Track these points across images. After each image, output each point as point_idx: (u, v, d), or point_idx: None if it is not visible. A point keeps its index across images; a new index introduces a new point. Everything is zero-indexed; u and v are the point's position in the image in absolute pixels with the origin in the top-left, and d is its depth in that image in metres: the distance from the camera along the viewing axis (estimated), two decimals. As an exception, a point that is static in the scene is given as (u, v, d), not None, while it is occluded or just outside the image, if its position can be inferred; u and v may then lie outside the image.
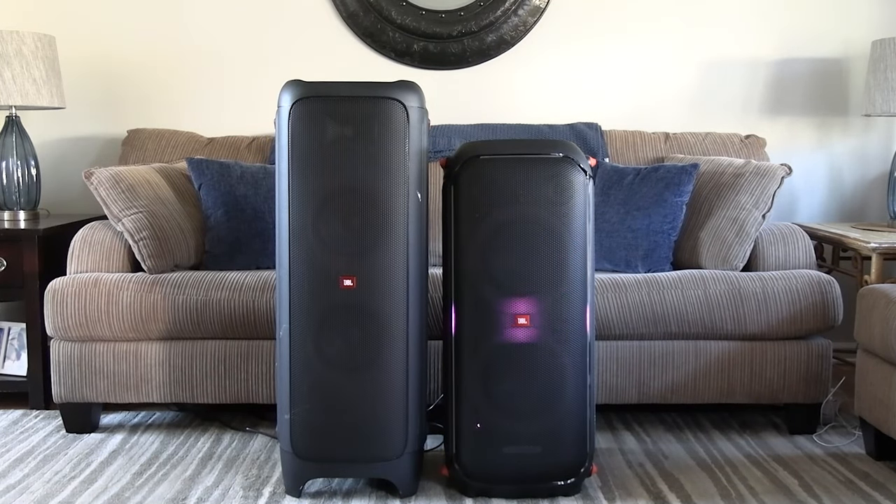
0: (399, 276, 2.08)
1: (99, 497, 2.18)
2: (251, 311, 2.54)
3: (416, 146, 2.09)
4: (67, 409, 2.63)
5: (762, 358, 2.57)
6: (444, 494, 2.19)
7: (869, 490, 2.23)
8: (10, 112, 3.13)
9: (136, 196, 2.68)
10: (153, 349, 2.57)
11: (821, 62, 3.41)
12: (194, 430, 2.67)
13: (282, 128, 2.07)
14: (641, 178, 2.87)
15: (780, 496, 2.19)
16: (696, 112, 3.43)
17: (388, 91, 2.06)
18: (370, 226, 2.06)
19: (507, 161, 2.11)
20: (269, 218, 2.83)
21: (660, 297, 2.54)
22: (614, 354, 2.57)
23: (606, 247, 2.82)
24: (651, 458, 2.45)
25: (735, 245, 2.69)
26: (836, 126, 3.44)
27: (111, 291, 2.55)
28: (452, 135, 3.14)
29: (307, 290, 2.07)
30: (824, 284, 2.57)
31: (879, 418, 2.33)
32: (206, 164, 2.88)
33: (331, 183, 2.05)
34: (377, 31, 3.36)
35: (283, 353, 2.10)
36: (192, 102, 3.41)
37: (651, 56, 3.41)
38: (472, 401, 2.13)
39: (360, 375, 2.09)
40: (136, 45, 3.39)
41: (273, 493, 2.20)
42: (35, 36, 3.03)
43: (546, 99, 3.42)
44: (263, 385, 2.58)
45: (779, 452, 2.50)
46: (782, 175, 2.76)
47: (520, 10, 3.35)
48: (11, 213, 3.10)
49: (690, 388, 2.58)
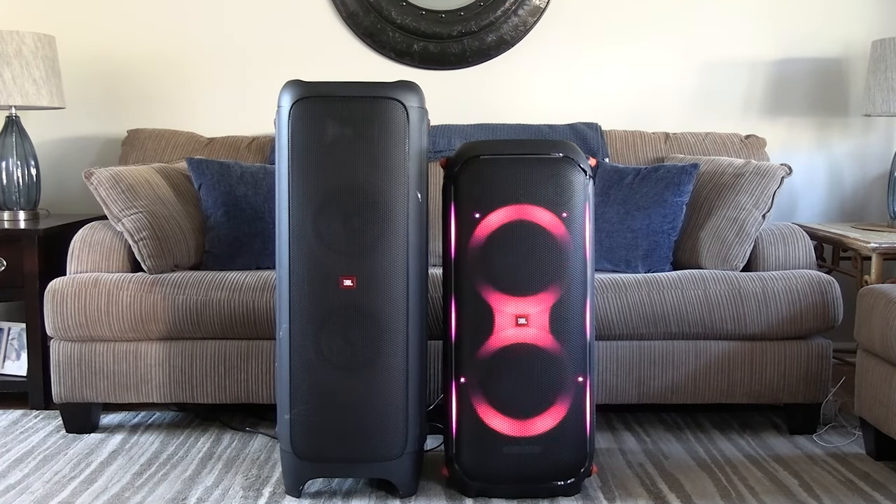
0: (399, 276, 2.08)
1: (99, 497, 2.18)
2: (251, 311, 2.54)
3: (416, 146, 2.09)
4: (67, 409, 2.63)
5: (762, 358, 2.57)
6: (444, 494, 2.19)
7: (869, 490, 2.23)
8: (10, 112, 3.13)
9: (136, 196, 2.68)
10: (153, 349, 2.57)
11: (821, 62, 3.41)
12: (194, 430, 2.67)
13: (282, 128, 2.07)
14: (641, 178, 2.87)
15: (780, 496, 2.19)
16: (696, 112, 3.43)
17: (388, 91, 2.06)
18: (370, 226, 2.06)
19: (507, 161, 2.11)
20: (269, 218, 2.83)
21: (660, 297, 2.54)
22: (614, 354, 2.57)
23: (606, 247, 2.82)
24: (651, 458, 2.45)
25: (735, 245, 2.69)
26: (836, 126, 3.44)
27: (111, 291, 2.55)
28: (452, 135, 3.14)
29: (307, 290, 2.07)
30: (824, 284, 2.57)
31: (879, 418, 2.33)
32: (206, 164, 2.88)
33: (331, 183, 2.05)
34: (377, 31, 3.36)
35: (283, 353, 2.10)
36: (192, 102, 3.41)
37: (651, 56, 3.41)
38: (472, 401, 2.13)
39: (360, 375, 2.09)
40: (136, 45, 3.39)
41: (273, 493, 2.20)
42: (35, 36, 3.03)
43: (546, 99, 3.42)
44: (263, 385, 2.58)
45: (779, 452, 2.50)
46: (782, 175, 2.76)
47: (520, 10, 3.35)
48: (11, 213, 3.10)
49: (690, 388, 2.58)
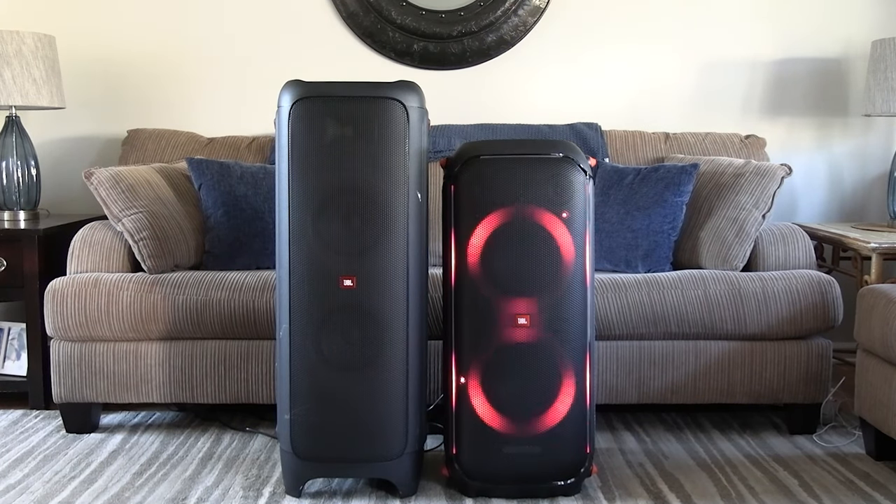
0: (399, 276, 2.08)
1: (99, 497, 2.18)
2: (251, 311, 2.54)
3: (416, 146, 2.09)
4: (67, 409, 2.63)
5: (762, 358, 2.57)
6: (444, 494, 2.19)
7: (869, 490, 2.23)
8: (10, 112, 3.13)
9: (136, 196, 2.68)
10: (153, 349, 2.57)
11: (821, 62, 3.41)
12: (194, 430, 2.67)
13: (282, 128, 2.07)
14: (641, 178, 2.87)
15: (780, 496, 2.19)
16: (696, 112, 3.43)
17: (388, 91, 2.06)
18: (370, 226, 2.06)
19: (507, 161, 2.11)
20: (269, 218, 2.83)
21: (660, 297, 2.54)
22: (614, 354, 2.57)
23: (606, 247, 2.82)
24: (651, 458, 2.45)
25: (735, 245, 2.69)
26: (836, 126, 3.44)
27: (111, 291, 2.55)
28: (452, 135, 3.14)
29: (307, 290, 2.07)
30: (824, 284, 2.57)
31: (879, 418, 2.33)
32: (206, 164, 2.88)
33: (331, 183, 2.05)
34: (377, 31, 3.36)
35: (283, 353, 2.10)
36: (192, 102, 3.41)
37: (651, 56, 3.41)
38: (472, 401, 2.13)
39: (360, 375, 2.09)
40: (136, 46, 3.39)
41: (273, 493, 2.20)
42: (35, 36, 3.03)
43: (546, 99, 3.42)
44: (263, 385, 2.58)
45: (779, 452, 2.50)
46: (782, 175, 2.76)
47: (520, 10, 3.35)
48: (11, 213, 3.10)
49: (690, 388, 2.58)
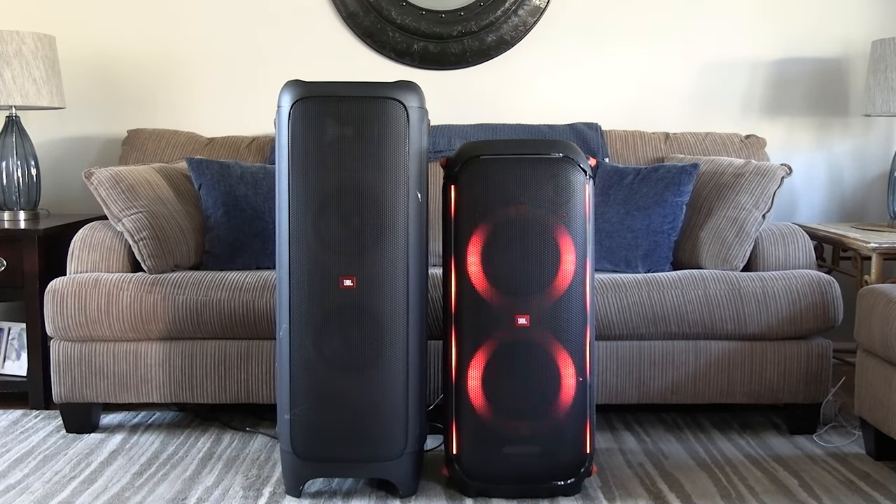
0: (399, 276, 2.08)
1: (99, 497, 2.18)
2: (251, 311, 2.54)
3: (416, 146, 2.09)
4: (67, 409, 2.63)
5: (762, 358, 2.57)
6: (444, 494, 2.19)
7: (869, 490, 2.23)
8: (10, 112, 3.13)
9: (136, 196, 2.68)
10: (153, 349, 2.57)
11: (821, 62, 3.41)
12: (194, 430, 2.67)
13: (282, 128, 2.07)
14: (641, 178, 2.87)
15: (780, 496, 2.19)
16: (696, 112, 3.43)
17: (388, 91, 2.06)
18: (370, 226, 2.06)
19: (507, 161, 2.11)
20: (269, 218, 2.83)
21: (660, 297, 2.54)
22: (614, 354, 2.57)
23: (606, 247, 2.82)
24: (651, 458, 2.45)
25: (735, 245, 2.69)
26: (835, 126, 3.44)
27: (111, 291, 2.55)
28: (452, 135, 3.14)
29: (307, 290, 2.07)
30: (824, 284, 2.57)
31: (879, 418, 2.33)
32: (206, 164, 2.88)
33: (331, 183, 2.05)
34: (377, 31, 3.36)
35: (283, 353, 2.10)
36: (192, 102, 3.41)
37: (651, 56, 3.41)
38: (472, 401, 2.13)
39: (360, 375, 2.09)
40: (136, 45, 3.39)
41: (273, 493, 2.20)
42: (35, 36, 3.03)
43: (546, 99, 3.42)
44: (263, 385, 2.58)
45: (779, 452, 2.50)
46: (782, 175, 2.76)
47: (520, 10, 3.35)
48: (11, 213, 3.10)
49: (690, 388, 2.58)
